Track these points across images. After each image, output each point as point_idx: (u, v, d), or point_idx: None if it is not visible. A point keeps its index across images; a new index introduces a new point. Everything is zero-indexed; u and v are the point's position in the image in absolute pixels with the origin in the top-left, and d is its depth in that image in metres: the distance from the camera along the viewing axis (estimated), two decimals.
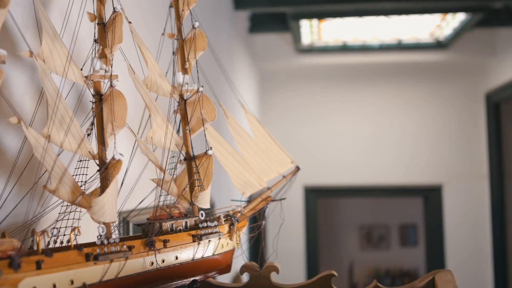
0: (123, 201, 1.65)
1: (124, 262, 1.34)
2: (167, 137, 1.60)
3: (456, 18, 5.81)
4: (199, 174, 1.69)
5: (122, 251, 1.34)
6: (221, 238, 1.69)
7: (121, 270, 1.33)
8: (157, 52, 1.83)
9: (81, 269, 1.24)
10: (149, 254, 1.42)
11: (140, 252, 1.40)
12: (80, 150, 1.33)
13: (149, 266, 1.42)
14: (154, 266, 1.43)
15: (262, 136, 2.04)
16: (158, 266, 1.44)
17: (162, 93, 1.68)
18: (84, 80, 1.38)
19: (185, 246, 1.55)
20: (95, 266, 1.27)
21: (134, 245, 1.38)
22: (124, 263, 1.34)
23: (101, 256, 1.28)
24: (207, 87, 1.86)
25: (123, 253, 1.33)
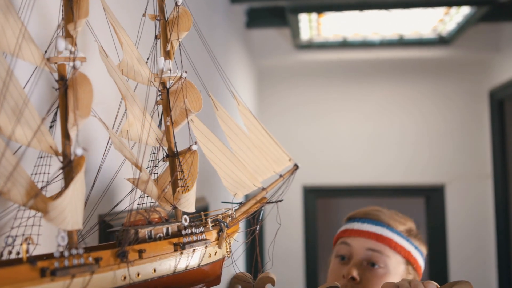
0: (95, 204, 1.45)
1: (89, 278, 1.12)
2: (145, 130, 1.39)
3: (460, 12, 5.61)
4: (183, 173, 1.48)
5: (86, 264, 1.12)
6: (208, 246, 1.47)
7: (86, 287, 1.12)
8: (137, 35, 1.62)
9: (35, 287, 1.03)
10: (120, 267, 1.20)
11: (110, 265, 1.18)
12: (38, 144, 1.12)
13: (121, 281, 1.21)
14: (127, 280, 1.22)
15: (256, 131, 1.83)
16: (132, 281, 1.23)
17: (140, 80, 1.47)
18: (44, 62, 1.17)
19: (165, 257, 1.33)
20: (52, 283, 1.06)
21: (102, 256, 1.17)
22: (90, 278, 1.12)
23: (59, 271, 1.06)
24: (193, 74, 1.65)
25: (88, 267, 1.12)
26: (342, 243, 2.31)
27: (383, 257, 2.21)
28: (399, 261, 2.25)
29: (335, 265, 2.31)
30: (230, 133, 1.75)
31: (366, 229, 2.27)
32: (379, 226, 2.27)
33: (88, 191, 1.44)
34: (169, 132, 1.49)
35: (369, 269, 2.19)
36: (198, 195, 3.26)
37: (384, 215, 2.35)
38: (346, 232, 2.34)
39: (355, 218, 2.39)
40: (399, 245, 2.25)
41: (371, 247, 2.22)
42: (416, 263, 2.30)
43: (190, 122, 1.57)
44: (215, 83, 1.99)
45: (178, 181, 1.49)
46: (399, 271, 2.24)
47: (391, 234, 2.26)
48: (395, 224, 2.31)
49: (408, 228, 2.34)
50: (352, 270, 2.17)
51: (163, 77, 1.49)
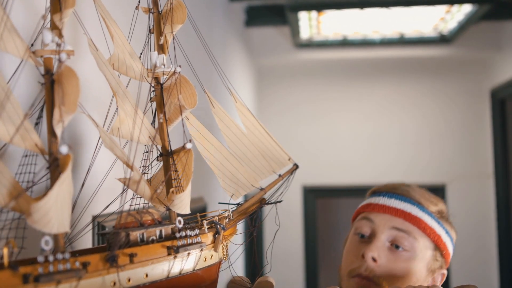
0: (85, 205, 1.39)
1: (76, 284, 1.06)
2: (137, 127, 1.32)
3: (461, 11, 5.55)
4: (177, 173, 1.41)
5: (73, 269, 1.05)
6: (204, 250, 1.40)
7: None
8: (129, 29, 1.56)
9: None
10: (110, 272, 1.14)
11: (99, 270, 1.11)
12: (22, 142, 1.05)
13: (111, 287, 1.13)
14: (117, 286, 1.14)
15: (255, 129, 1.76)
16: (122, 287, 1.16)
17: (133, 75, 1.40)
18: (29, 54, 1.10)
19: (158, 261, 1.25)
20: None
21: (90, 261, 1.10)
22: (76, 284, 1.06)
23: (43, 277, 1.00)
24: (189, 70, 1.58)
25: (75, 272, 1.05)
26: (364, 218, 2.08)
27: (410, 238, 1.96)
28: (427, 245, 2.01)
29: (353, 244, 2.07)
30: (227, 131, 1.68)
31: (393, 205, 2.03)
32: (409, 204, 2.03)
33: (77, 192, 1.37)
34: (162, 129, 1.42)
35: (392, 251, 1.96)
36: (196, 196, 3.20)
37: (414, 191, 2.09)
38: (370, 206, 2.09)
39: (381, 192, 2.13)
40: (429, 227, 2.01)
41: (397, 226, 1.98)
42: (445, 249, 2.06)
43: (184, 119, 1.51)
44: (211, 79, 1.93)
45: (172, 181, 1.42)
46: (425, 257, 2.00)
47: (421, 213, 2.02)
48: (426, 203, 2.07)
49: (440, 209, 2.11)
50: (373, 249, 1.94)
51: (156, 72, 1.42)
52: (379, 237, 1.98)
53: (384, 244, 1.97)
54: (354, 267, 1.97)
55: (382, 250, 1.95)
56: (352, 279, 1.95)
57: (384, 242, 1.97)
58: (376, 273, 1.92)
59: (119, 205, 1.28)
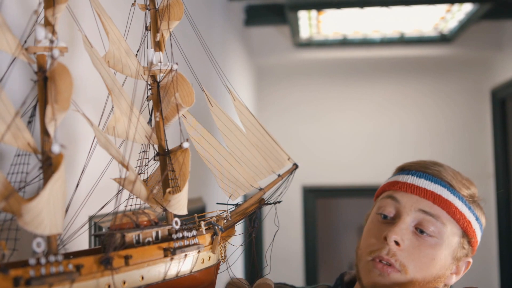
0: (80, 206, 1.36)
1: (68, 287, 1.03)
2: (132, 126, 1.29)
3: (462, 10, 5.53)
4: (174, 173, 1.38)
5: (66, 272, 1.02)
6: (201, 251, 1.37)
7: None
8: (126, 26, 1.53)
9: None
10: (104, 275, 1.10)
11: (92, 273, 1.08)
12: (14, 141, 1.02)
13: None
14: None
15: (253, 128, 1.73)
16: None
17: (129, 73, 1.37)
18: (22, 51, 1.07)
19: (154, 263, 1.22)
20: None
21: (84, 263, 1.07)
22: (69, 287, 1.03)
23: (35, 280, 0.97)
24: (186, 68, 1.55)
25: (67, 275, 1.02)
26: (389, 197, 1.91)
27: (438, 223, 1.81)
28: (455, 232, 1.85)
29: (374, 224, 1.91)
30: (225, 130, 1.65)
31: (422, 185, 1.85)
32: (439, 185, 1.85)
33: (72, 192, 1.34)
34: (159, 128, 1.39)
35: (416, 235, 1.81)
36: (195, 196, 3.17)
37: (446, 172, 1.91)
38: (397, 184, 1.92)
39: (411, 170, 1.95)
40: (460, 212, 1.84)
41: (424, 209, 1.82)
42: (474, 236, 1.91)
43: (181, 118, 1.48)
44: (210, 78, 1.90)
45: (169, 181, 1.39)
46: (452, 244, 1.85)
47: (452, 197, 1.84)
48: (459, 185, 1.89)
49: (472, 193, 1.92)
50: (397, 232, 1.79)
51: (153, 70, 1.39)
52: (404, 219, 1.83)
53: (409, 227, 1.82)
54: (374, 249, 1.83)
55: (406, 233, 1.81)
56: (372, 262, 1.81)
57: (409, 225, 1.82)
58: (398, 257, 1.78)
59: (114, 205, 1.25)
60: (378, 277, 1.77)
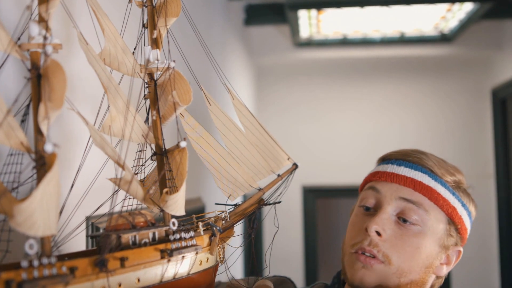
0: (75, 206, 1.33)
1: None
2: (128, 124, 1.26)
3: (462, 9, 5.51)
4: (171, 173, 1.35)
5: (59, 274, 1.00)
6: (199, 253, 1.34)
7: None
8: (122, 24, 1.50)
9: None
10: (99, 277, 1.08)
11: (87, 275, 1.05)
12: (7, 140, 1.00)
13: None
14: None
15: (253, 127, 1.70)
16: None
17: (125, 71, 1.34)
18: (15, 48, 1.05)
19: (151, 265, 1.20)
20: None
21: (78, 265, 1.04)
22: None
23: (27, 283, 0.94)
24: (184, 66, 1.53)
25: (61, 278, 0.99)
26: (370, 188, 1.86)
27: (420, 210, 1.75)
28: (440, 218, 1.79)
29: (357, 216, 1.86)
30: (224, 129, 1.63)
31: (402, 173, 1.81)
32: (419, 172, 1.81)
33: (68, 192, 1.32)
34: (156, 127, 1.37)
35: (399, 224, 1.76)
36: (194, 196, 3.15)
37: (428, 158, 1.85)
38: (377, 175, 1.88)
39: (390, 159, 1.91)
40: (442, 198, 1.78)
41: (405, 197, 1.77)
42: (461, 223, 1.83)
43: (179, 116, 1.45)
44: (208, 76, 1.88)
45: (166, 181, 1.36)
46: (437, 231, 1.78)
47: (433, 182, 1.79)
48: (441, 171, 1.83)
49: (457, 179, 1.86)
50: (378, 222, 1.74)
51: (150, 68, 1.36)
52: (385, 208, 1.78)
53: (391, 216, 1.77)
54: (356, 241, 1.78)
55: (387, 223, 1.75)
56: (355, 255, 1.76)
57: (390, 214, 1.77)
58: (380, 248, 1.73)
59: (110, 206, 1.22)
60: (362, 270, 1.72)
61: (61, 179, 1.50)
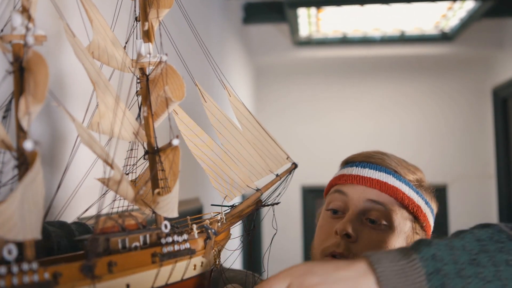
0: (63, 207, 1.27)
1: None
2: (118, 121, 1.20)
3: (463, 7, 5.48)
4: (164, 172, 1.28)
5: (41, 282, 0.93)
6: (193, 257, 1.27)
7: None
8: (113, 16, 1.44)
9: None
10: (85, 284, 1.00)
11: (72, 282, 0.98)
12: None
13: None
14: None
15: (250, 125, 1.63)
16: None
17: (115, 65, 1.28)
18: None
19: (141, 270, 1.12)
20: None
21: (62, 272, 0.97)
22: None
23: None
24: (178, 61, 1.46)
25: (43, 285, 0.93)
26: (336, 191, 1.84)
27: (386, 210, 1.75)
28: (406, 216, 1.79)
29: (325, 220, 1.84)
30: (219, 127, 1.56)
31: (367, 175, 1.81)
32: (384, 173, 1.82)
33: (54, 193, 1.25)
34: (148, 125, 1.30)
35: (367, 226, 1.75)
36: (192, 196, 3.08)
37: (390, 159, 1.88)
38: (342, 178, 1.86)
39: (354, 161, 1.91)
40: (407, 197, 1.80)
41: (372, 198, 1.76)
42: (426, 220, 1.85)
43: (173, 114, 1.38)
44: (205, 74, 1.81)
45: (158, 181, 1.29)
46: (404, 230, 1.78)
47: (398, 183, 1.81)
48: (404, 171, 1.86)
49: (418, 177, 1.89)
50: (347, 225, 1.71)
51: (141, 62, 1.30)
52: (353, 211, 1.76)
53: (359, 218, 1.75)
54: (327, 245, 1.75)
55: (356, 225, 1.73)
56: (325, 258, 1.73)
57: (358, 216, 1.76)
58: (351, 250, 1.70)
59: (98, 208, 1.15)
60: None
61: (50, 179, 1.44)
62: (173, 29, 1.51)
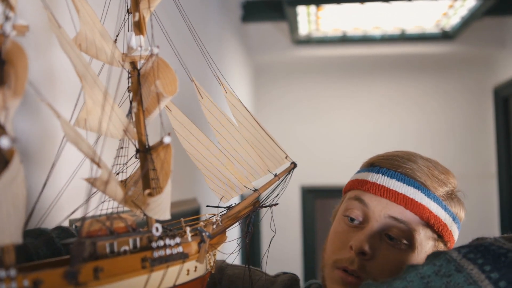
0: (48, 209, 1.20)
1: None
2: (106, 117, 1.13)
3: (465, 5, 5.43)
4: (156, 172, 1.21)
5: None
6: (186, 261, 1.20)
7: None
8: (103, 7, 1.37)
9: None
10: None
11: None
12: None
13: None
14: None
15: (247, 123, 1.56)
16: None
17: (104, 58, 1.21)
18: None
19: (130, 276, 1.06)
20: None
21: (43, 279, 0.90)
22: None
23: None
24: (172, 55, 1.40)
25: None
26: (357, 199, 1.69)
27: (409, 230, 1.60)
28: (429, 236, 1.64)
29: (341, 227, 1.70)
30: (216, 125, 1.49)
31: (393, 187, 1.64)
32: (412, 187, 1.63)
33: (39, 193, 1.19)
34: (139, 121, 1.23)
35: (386, 243, 1.60)
36: (189, 197, 3.02)
37: (420, 170, 1.68)
38: (365, 185, 1.70)
39: (381, 167, 1.73)
40: (434, 216, 1.64)
41: (395, 216, 1.61)
42: (450, 238, 1.70)
43: (166, 111, 1.32)
44: (201, 70, 1.75)
45: (150, 181, 1.22)
46: (425, 249, 1.63)
47: (426, 200, 1.63)
48: (434, 185, 1.66)
49: (449, 190, 1.70)
50: (364, 243, 1.57)
51: (132, 56, 1.22)
52: (372, 226, 1.62)
53: (377, 234, 1.62)
54: (340, 258, 1.61)
55: (374, 241, 1.60)
56: (337, 271, 1.60)
57: (377, 232, 1.62)
58: (366, 268, 1.57)
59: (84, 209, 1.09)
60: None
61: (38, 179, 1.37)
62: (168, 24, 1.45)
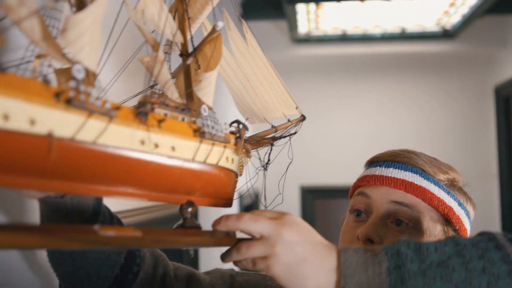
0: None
1: (106, 124, 0.96)
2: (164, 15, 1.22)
3: (466, 4, 5.49)
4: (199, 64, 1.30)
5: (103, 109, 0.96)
6: (227, 147, 1.29)
7: (102, 134, 0.96)
8: None
9: (47, 109, 0.87)
10: (140, 128, 1.04)
11: (128, 121, 1.02)
12: None
13: (139, 145, 1.04)
14: (146, 147, 1.05)
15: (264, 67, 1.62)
16: (150, 150, 1.06)
17: None
18: None
19: (185, 138, 1.16)
20: (66, 112, 0.90)
21: (121, 108, 1.00)
22: (106, 126, 0.96)
23: (75, 101, 0.91)
24: None
25: (107, 111, 0.96)
26: (359, 194, 1.71)
27: (414, 212, 1.61)
28: (435, 219, 1.65)
29: (348, 225, 1.71)
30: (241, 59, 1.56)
31: (391, 174, 1.67)
32: (410, 172, 1.66)
33: None
34: (184, 28, 1.32)
35: (393, 229, 1.61)
36: None
37: (418, 158, 1.71)
38: (365, 179, 1.73)
39: (378, 161, 1.77)
40: (437, 198, 1.65)
41: (397, 200, 1.63)
42: (460, 223, 1.70)
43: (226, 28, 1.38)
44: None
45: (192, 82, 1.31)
46: (435, 233, 1.64)
47: (426, 182, 1.65)
48: (433, 170, 1.69)
49: (451, 177, 1.71)
50: (369, 229, 1.59)
51: None
52: (377, 214, 1.64)
53: (383, 222, 1.63)
54: None
55: (380, 229, 1.61)
56: None
57: (382, 219, 1.63)
58: None
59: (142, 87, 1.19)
60: None
61: None
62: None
